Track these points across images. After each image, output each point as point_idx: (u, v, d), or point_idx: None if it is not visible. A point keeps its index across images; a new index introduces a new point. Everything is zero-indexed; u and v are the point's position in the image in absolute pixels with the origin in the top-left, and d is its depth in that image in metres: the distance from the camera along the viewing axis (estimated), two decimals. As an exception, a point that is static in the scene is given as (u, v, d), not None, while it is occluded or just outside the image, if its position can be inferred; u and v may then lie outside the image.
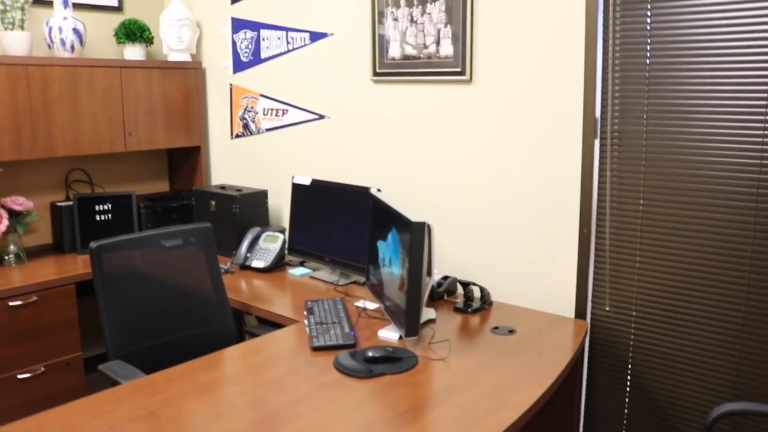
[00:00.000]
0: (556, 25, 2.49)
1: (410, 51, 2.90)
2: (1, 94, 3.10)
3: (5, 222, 3.27)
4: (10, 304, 2.94)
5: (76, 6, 3.70)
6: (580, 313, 2.56)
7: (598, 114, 2.44)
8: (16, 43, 3.30)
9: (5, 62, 3.10)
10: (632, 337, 2.47)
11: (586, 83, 2.43)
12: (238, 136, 3.81)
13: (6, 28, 3.31)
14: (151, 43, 3.84)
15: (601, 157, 2.46)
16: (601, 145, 2.45)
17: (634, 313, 2.45)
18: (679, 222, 2.31)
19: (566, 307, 2.60)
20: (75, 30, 3.42)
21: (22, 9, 3.33)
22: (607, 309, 2.51)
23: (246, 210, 3.42)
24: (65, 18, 3.41)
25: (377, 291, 2.55)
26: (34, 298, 3.01)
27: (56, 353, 3.11)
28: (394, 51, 2.96)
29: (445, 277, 2.79)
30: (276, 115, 3.57)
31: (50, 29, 3.41)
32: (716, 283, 2.26)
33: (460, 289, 2.84)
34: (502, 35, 2.64)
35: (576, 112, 2.48)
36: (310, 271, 3.18)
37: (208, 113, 3.98)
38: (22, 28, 3.34)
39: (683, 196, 2.29)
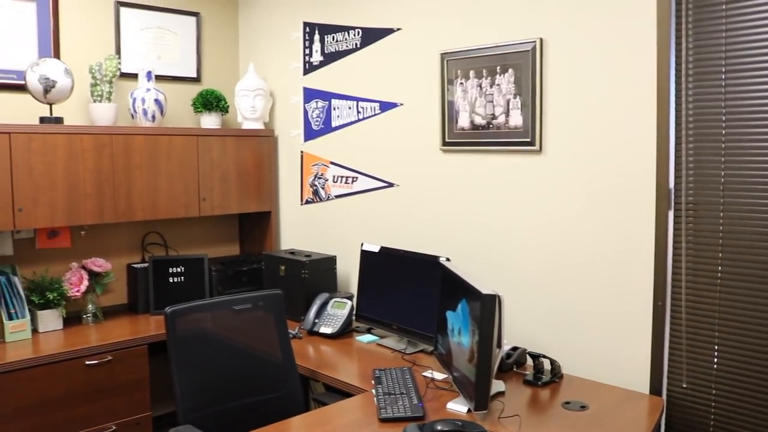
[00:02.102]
0: (627, 96, 2.49)
1: (479, 121, 2.94)
2: (87, 161, 3.27)
3: (85, 282, 3.40)
4: (87, 363, 3.03)
5: (158, 78, 3.90)
6: (655, 389, 2.47)
7: (671, 185, 2.41)
8: (103, 113, 3.49)
9: (92, 132, 3.28)
10: (712, 417, 2.36)
11: (659, 154, 2.41)
12: (307, 202, 3.89)
13: (95, 100, 3.51)
14: (227, 111, 4.00)
15: (675, 229, 2.41)
16: (676, 216, 2.41)
17: (714, 392, 2.35)
18: (761, 296, 2.22)
19: (640, 382, 2.51)
20: (156, 101, 3.60)
21: (110, 82, 3.53)
22: (685, 386, 2.42)
23: (314, 275, 3.46)
24: (148, 90, 3.60)
25: (445, 361, 2.52)
26: (109, 357, 3.10)
27: (127, 412, 3.17)
28: (463, 121, 3.00)
29: (514, 348, 2.75)
30: (346, 183, 3.64)
31: (134, 100, 3.59)
32: (802, 363, 2.16)
33: (529, 361, 2.79)
34: (571, 105, 2.65)
35: (648, 183, 2.45)
36: (377, 338, 3.18)
37: (279, 179, 4.09)
38: (109, 100, 3.53)
39: (765, 269, 2.21)
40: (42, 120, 3.25)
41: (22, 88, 3.39)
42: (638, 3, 2.43)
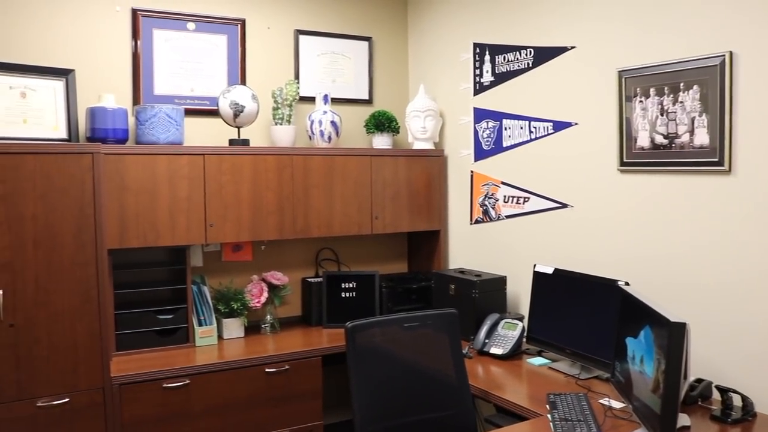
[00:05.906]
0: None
1: (660, 140, 2.82)
2: (270, 180, 3.48)
3: (265, 294, 3.62)
4: (266, 370, 3.21)
5: (333, 100, 4.09)
6: None
7: None
8: (283, 135, 3.71)
9: (275, 152, 3.49)
10: None
11: None
12: (477, 221, 3.90)
13: (276, 123, 3.74)
14: (398, 132, 4.10)
15: None
16: None
17: None
18: None
19: None
20: (332, 122, 3.77)
21: (290, 106, 3.75)
22: None
23: (485, 295, 3.46)
24: (325, 112, 3.78)
25: (624, 389, 2.43)
26: (287, 366, 3.26)
27: (301, 419, 3.32)
28: (643, 140, 2.89)
29: (699, 380, 2.59)
30: (517, 203, 3.62)
31: (312, 122, 3.79)
32: None
33: (715, 395, 2.61)
34: (766, 123, 2.47)
35: None
36: (548, 361, 3.11)
37: (449, 199, 4.13)
38: (289, 122, 3.75)
39: None
40: (231, 142, 3.50)
41: (214, 113, 3.69)
42: None
